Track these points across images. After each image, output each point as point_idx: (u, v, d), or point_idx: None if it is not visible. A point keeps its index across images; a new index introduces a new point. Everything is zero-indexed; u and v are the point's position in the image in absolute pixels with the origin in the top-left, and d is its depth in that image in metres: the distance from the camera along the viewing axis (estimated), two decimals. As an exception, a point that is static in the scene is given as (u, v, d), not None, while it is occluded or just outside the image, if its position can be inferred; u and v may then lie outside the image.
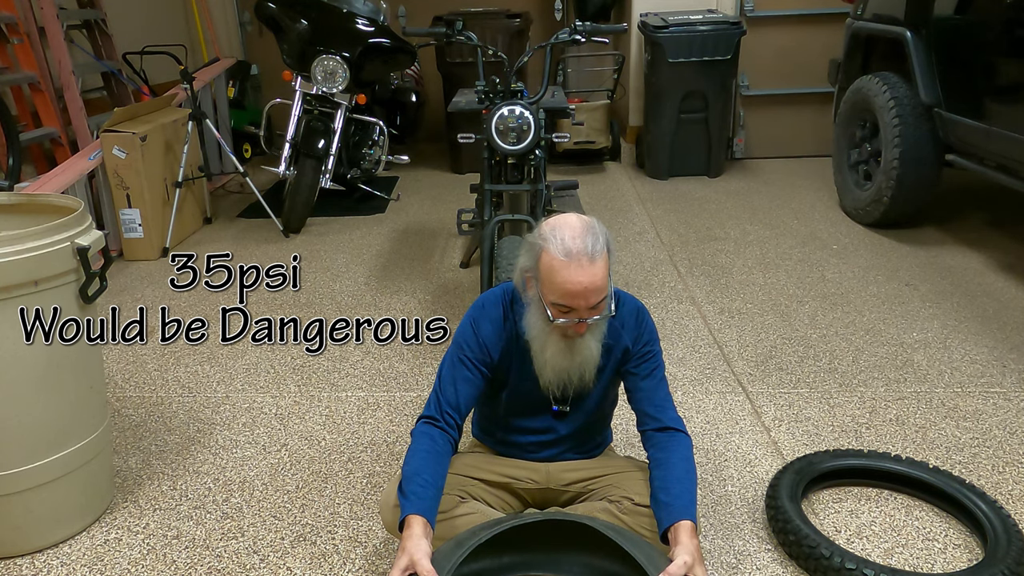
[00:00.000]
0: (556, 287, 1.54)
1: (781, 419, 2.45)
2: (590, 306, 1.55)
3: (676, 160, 5.25)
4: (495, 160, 2.96)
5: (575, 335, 1.61)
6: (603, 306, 1.58)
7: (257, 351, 3.01)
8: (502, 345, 1.72)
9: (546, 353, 1.64)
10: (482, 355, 1.71)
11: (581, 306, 1.55)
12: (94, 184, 3.97)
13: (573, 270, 1.52)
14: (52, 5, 4.26)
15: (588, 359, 1.65)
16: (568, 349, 1.63)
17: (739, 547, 1.90)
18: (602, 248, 1.54)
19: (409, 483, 1.55)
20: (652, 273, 3.64)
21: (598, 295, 1.54)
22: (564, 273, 1.52)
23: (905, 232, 4.02)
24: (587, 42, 2.94)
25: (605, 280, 1.55)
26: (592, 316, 1.57)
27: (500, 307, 1.73)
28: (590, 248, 1.52)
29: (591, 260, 1.52)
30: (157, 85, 5.33)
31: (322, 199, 4.55)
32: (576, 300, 1.54)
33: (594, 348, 1.64)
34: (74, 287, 1.90)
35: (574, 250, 1.52)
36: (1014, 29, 3.11)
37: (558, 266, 1.52)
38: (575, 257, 1.52)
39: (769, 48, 5.42)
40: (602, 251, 1.54)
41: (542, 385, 1.69)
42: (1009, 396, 2.54)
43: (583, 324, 1.58)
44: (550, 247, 1.54)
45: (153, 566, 1.91)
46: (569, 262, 1.52)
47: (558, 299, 1.55)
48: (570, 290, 1.52)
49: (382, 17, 4.50)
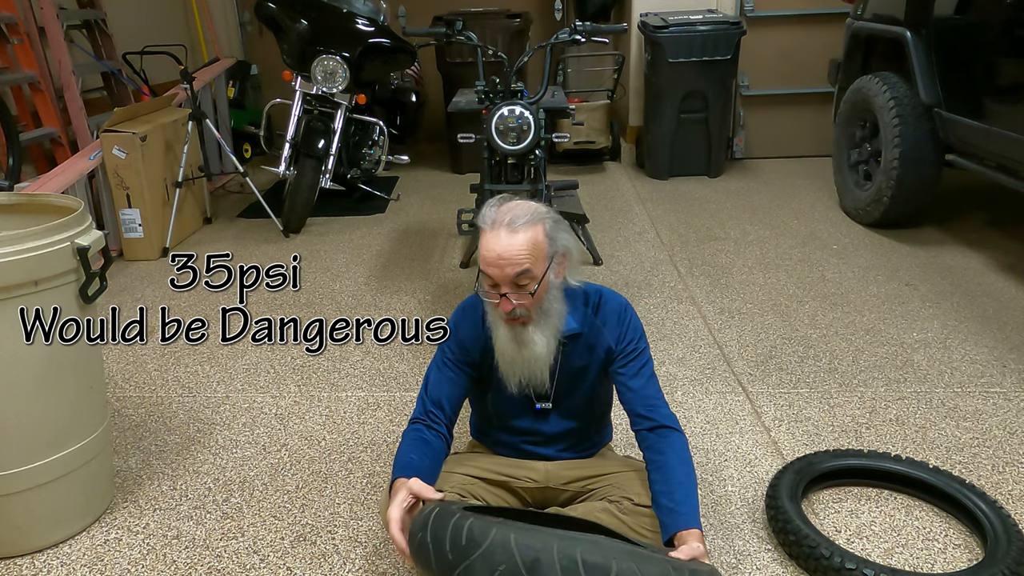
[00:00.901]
0: (480, 256, 1.59)
1: (781, 419, 2.45)
2: (508, 278, 1.56)
3: (676, 160, 5.25)
4: (495, 160, 2.96)
5: (513, 322, 1.63)
6: (528, 286, 1.58)
7: (257, 351, 3.01)
8: (481, 344, 1.74)
9: (498, 341, 1.67)
10: (463, 355, 1.74)
11: (498, 276, 1.57)
12: (94, 184, 3.97)
13: (490, 238, 1.57)
14: (52, 5, 4.26)
15: (536, 356, 1.65)
16: (514, 339, 1.64)
17: (739, 547, 1.90)
18: (528, 223, 1.57)
19: (396, 463, 1.61)
20: (652, 273, 3.64)
21: (513, 266, 1.55)
22: (486, 238, 1.58)
23: (905, 232, 4.02)
24: (587, 42, 2.94)
25: (523, 253, 1.55)
26: (516, 293, 1.58)
27: (479, 307, 1.76)
28: (510, 219, 1.57)
29: (511, 231, 1.56)
30: (157, 85, 5.33)
31: (322, 199, 4.55)
32: (491, 268, 1.57)
33: (540, 345, 1.64)
34: (74, 287, 1.90)
35: (497, 220, 1.57)
36: (1014, 29, 3.11)
37: (484, 235, 1.59)
38: (495, 226, 1.57)
39: (769, 48, 5.42)
40: (528, 226, 1.56)
41: (503, 377, 1.70)
42: (1009, 396, 2.54)
43: (507, 302, 1.58)
44: (481, 219, 1.61)
45: (153, 566, 1.91)
46: (492, 228, 1.57)
47: (482, 266, 1.60)
48: (486, 256, 1.57)
49: (382, 17, 4.50)
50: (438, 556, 1.33)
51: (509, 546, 1.28)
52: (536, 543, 1.28)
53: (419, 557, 1.39)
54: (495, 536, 1.29)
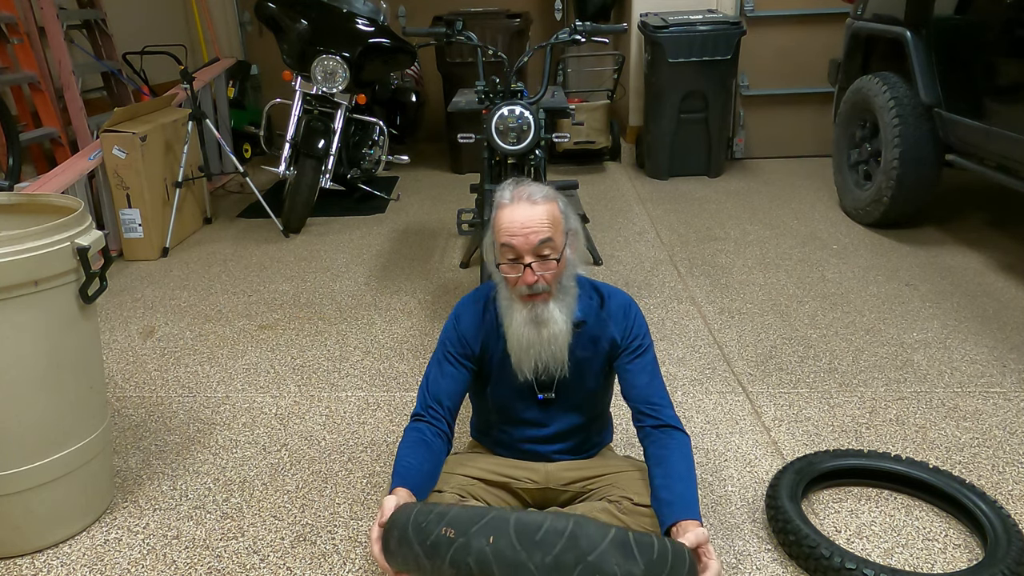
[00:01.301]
0: (500, 229, 1.62)
1: (781, 419, 2.45)
2: (532, 246, 1.59)
3: (676, 160, 5.25)
4: (495, 160, 2.96)
5: (534, 302, 1.63)
6: (552, 255, 1.62)
7: (257, 351, 3.01)
8: (482, 336, 1.75)
9: (512, 326, 1.66)
10: (463, 349, 1.75)
11: (521, 245, 1.60)
12: (94, 184, 3.97)
13: (512, 208, 1.62)
14: (52, 5, 4.26)
15: (556, 334, 1.65)
16: (533, 320, 1.64)
17: (739, 547, 1.90)
18: (546, 198, 1.64)
19: (395, 469, 1.61)
20: (652, 273, 3.64)
21: (539, 233, 1.59)
22: (507, 212, 1.62)
23: (905, 232, 4.02)
24: (587, 42, 2.94)
25: (544, 222, 1.61)
26: (539, 264, 1.61)
27: (481, 301, 1.77)
28: (531, 193, 1.63)
29: (532, 202, 1.62)
30: (157, 85, 5.34)
31: (322, 199, 4.56)
32: (515, 238, 1.59)
33: (560, 321, 1.65)
34: (74, 287, 1.90)
35: (515, 195, 1.64)
36: (1014, 29, 3.11)
37: (502, 210, 1.63)
38: (516, 197, 1.63)
39: (769, 48, 5.42)
40: (547, 200, 1.63)
41: (514, 365, 1.70)
42: (1009, 396, 2.54)
43: (531, 272, 1.60)
44: (498, 198, 1.66)
45: (153, 566, 1.91)
46: (510, 203, 1.63)
47: (503, 239, 1.62)
48: (508, 227, 1.60)
49: (382, 17, 4.50)
50: (425, 542, 1.31)
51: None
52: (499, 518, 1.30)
53: (402, 551, 1.36)
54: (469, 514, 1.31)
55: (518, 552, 1.25)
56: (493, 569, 1.25)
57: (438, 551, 1.29)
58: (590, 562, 1.24)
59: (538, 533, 1.27)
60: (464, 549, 1.27)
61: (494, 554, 1.26)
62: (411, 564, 1.35)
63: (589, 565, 1.23)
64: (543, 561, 1.23)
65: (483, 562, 1.26)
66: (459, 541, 1.28)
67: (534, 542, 1.26)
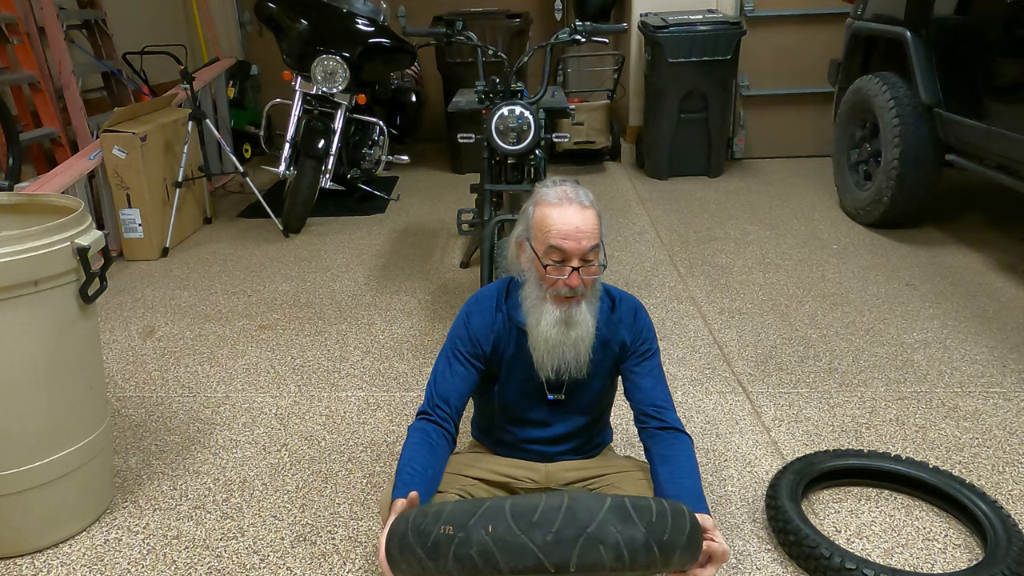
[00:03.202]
0: (550, 229, 1.58)
1: (781, 419, 2.45)
2: (582, 251, 1.57)
3: (676, 160, 5.25)
4: (495, 160, 2.96)
5: (568, 303, 1.61)
6: (595, 262, 1.60)
7: (257, 351, 3.01)
8: (493, 336, 1.73)
9: (540, 325, 1.64)
10: (473, 348, 1.73)
11: (573, 249, 1.57)
12: (94, 184, 3.97)
13: (565, 209, 1.58)
14: (52, 5, 4.26)
15: (583, 336, 1.64)
16: (563, 322, 1.63)
17: (739, 547, 1.90)
18: (592, 203, 1.61)
19: (399, 473, 1.59)
20: (652, 273, 3.64)
21: (590, 239, 1.57)
22: (557, 213, 1.58)
23: (905, 232, 4.02)
24: (587, 42, 2.94)
25: (596, 228, 1.59)
26: (585, 267, 1.59)
27: (493, 299, 1.75)
28: (580, 196, 1.60)
29: (582, 206, 1.59)
30: (157, 85, 5.34)
31: (322, 199, 4.56)
32: (568, 241, 1.56)
33: (589, 321, 1.64)
34: (74, 287, 1.90)
35: (564, 195, 1.59)
36: (1014, 29, 3.11)
37: (551, 210, 1.59)
38: (567, 199, 1.59)
39: (769, 48, 5.43)
40: (593, 206, 1.61)
41: (536, 364, 1.69)
42: (1009, 396, 2.54)
43: (576, 276, 1.59)
44: (543, 196, 1.61)
45: (153, 566, 1.91)
46: (561, 203, 1.59)
47: (552, 240, 1.58)
48: (561, 229, 1.57)
49: (382, 17, 4.50)
50: (425, 542, 1.31)
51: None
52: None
53: (405, 557, 1.36)
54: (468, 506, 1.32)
55: (518, 536, 1.26)
56: (497, 557, 1.25)
57: (440, 550, 1.29)
58: (591, 534, 1.24)
59: (535, 514, 1.27)
60: (465, 543, 1.27)
61: (495, 542, 1.26)
62: (416, 569, 1.35)
63: (590, 537, 1.24)
64: (544, 540, 1.24)
65: (486, 552, 1.26)
66: (459, 536, 1.28)
67: (532, 523, 1.26)
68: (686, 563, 1.34)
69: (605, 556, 1.22)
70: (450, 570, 1.28)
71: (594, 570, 1.22)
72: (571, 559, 1.21)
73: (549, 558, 1.21)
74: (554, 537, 1.23)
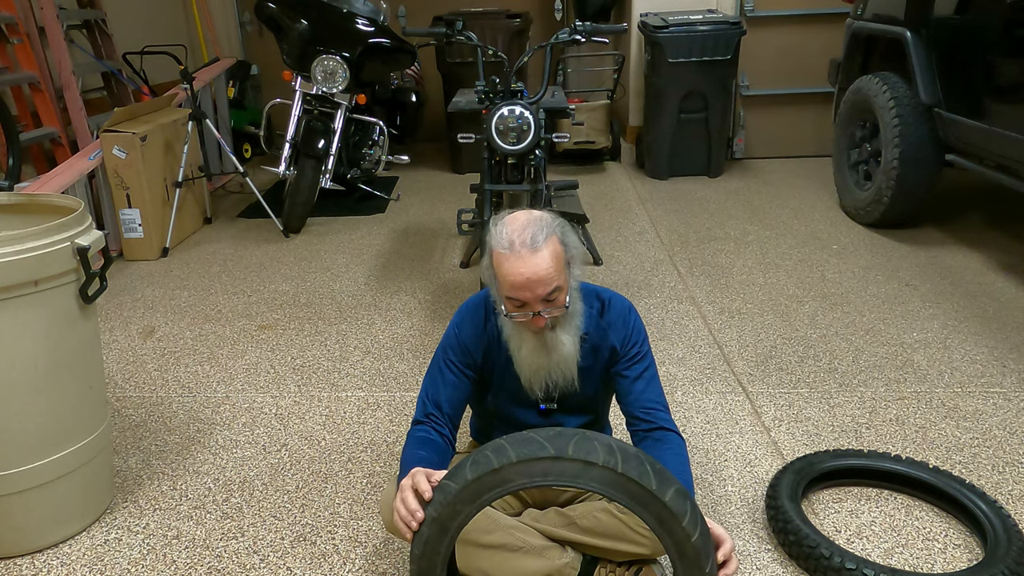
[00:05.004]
0: (504, 280, 1.56)
1: (781, 419, 2.45)
2: (540, 298, 1.55)
3: (676, 160, 5.25)
4: (495, 160, 2.96)
5: (542, 331, 1.61)
6: (560, 299, 1.58)
7: (257, 351, 3.01)
8: (484, 345, 1.73)
9: (521, 351, 1.65)
10: (465, 357, 1.73)
11: (529, 298, 1.55)
12: (94, 184, 3.97)
13: (514, 261, 1.54)
14: (52, 5, 4.26)
15: (565, 357, 1.64)
16: (542, 346, 1.63)
17: (739, 547, 1.90)
18: (546, 239, 1.55)
19: (405, 463, 1.59)
20: (652, 273, 3.64)
21: (544, 286, 1.54)
22: (507, 265, 1.55)
23: (905, 232, 4.02)
24: (587, 42, 2.94)
25: (551, 271, 1.54)
26: (547, 308, 1.57)
27: (482, 308, 1.75)
28: (530, 239, 1.54)
29: (532, 251, 1.53)
30: (157, 85, 5.33)
31: (322, 199, 4.55)
32: (522, 292, 1.54)
33: (568, 344, 1.63)
34: (74, 287, 1.90)
35: (516, 242, 1.54)
36: (1014, 29, 3.11)
37: (501, 259, 1.56)
38: (516, 249, 1.54)
39: (769, 48, 5.42)
40: (546, 241, 1.54)
41: (524, 384, 1.69)
42: (1009, 396, 2.54)
43: (540, 318, 1.58)
44: (494, 242, 1.57)
45: (153, 566, 1.91)
46: (510, 254, 1.54)
47: (508, 292, 1.56)
48: (514, 282, 1.54)
49: (382, 17, 4.50)
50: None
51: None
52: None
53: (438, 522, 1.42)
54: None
55: (525, 433, 1.38)
56: (508, 450, 1.35)
57: (459, 468, 1.40)
58: (587, 434, 1.36)
59: (533, 434, 1.38)
60: (479, 451, 1.38)
61: (507, 439, 1.38)
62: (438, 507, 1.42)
63: (586, 435, 1.36)
64: (548, 434, 1.36)
65: (498, 447, 1.37)
66: (472, 458, 1.39)
67: (532, 435, 1.38)
68: (683, 518, 1.34)
69: (599, 449, 1.34)
70: (469, 489, 1.37)
71: (589, 458, 1.33)
72: (568, 447, 1.34)
73: (552, 444, 1.35)
74: (556, 432, 1.37)
